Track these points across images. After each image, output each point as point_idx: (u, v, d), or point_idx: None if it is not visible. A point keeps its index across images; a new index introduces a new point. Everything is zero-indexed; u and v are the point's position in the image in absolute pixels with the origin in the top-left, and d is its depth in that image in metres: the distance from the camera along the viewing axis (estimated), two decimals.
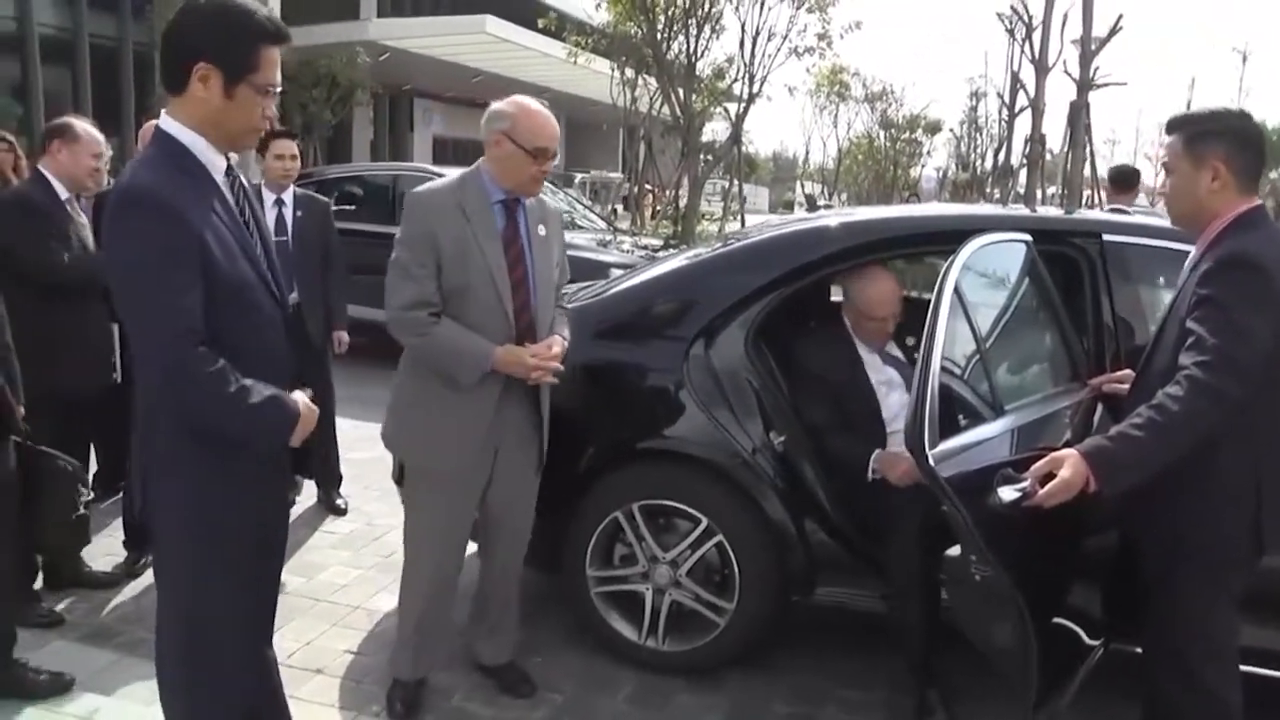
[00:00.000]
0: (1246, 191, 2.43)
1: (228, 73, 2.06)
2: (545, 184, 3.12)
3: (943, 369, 2.48)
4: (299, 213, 4.97)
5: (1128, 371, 2.87)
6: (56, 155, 3.90)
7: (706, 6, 16.60)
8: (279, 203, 4.93)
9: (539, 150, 2.94)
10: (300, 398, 2.22)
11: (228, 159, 2.20)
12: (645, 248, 9.76)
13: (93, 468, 4.90)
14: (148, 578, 4.24)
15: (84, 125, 4.01)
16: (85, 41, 21.88)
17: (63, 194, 3.90)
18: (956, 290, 2.61)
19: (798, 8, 17.14)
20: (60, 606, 3.85)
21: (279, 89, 2.16)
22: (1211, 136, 2.42)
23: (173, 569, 2.23)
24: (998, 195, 26.27)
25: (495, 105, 3.03)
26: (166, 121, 2.12)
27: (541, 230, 3.10)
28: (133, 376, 4.02)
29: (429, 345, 2.94)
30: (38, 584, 3.87)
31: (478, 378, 2.93)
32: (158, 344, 2.02)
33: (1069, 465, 2.22)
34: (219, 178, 2.15)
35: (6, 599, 3.25)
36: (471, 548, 3.31)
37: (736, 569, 3.35)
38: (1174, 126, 2.51)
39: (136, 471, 2.22)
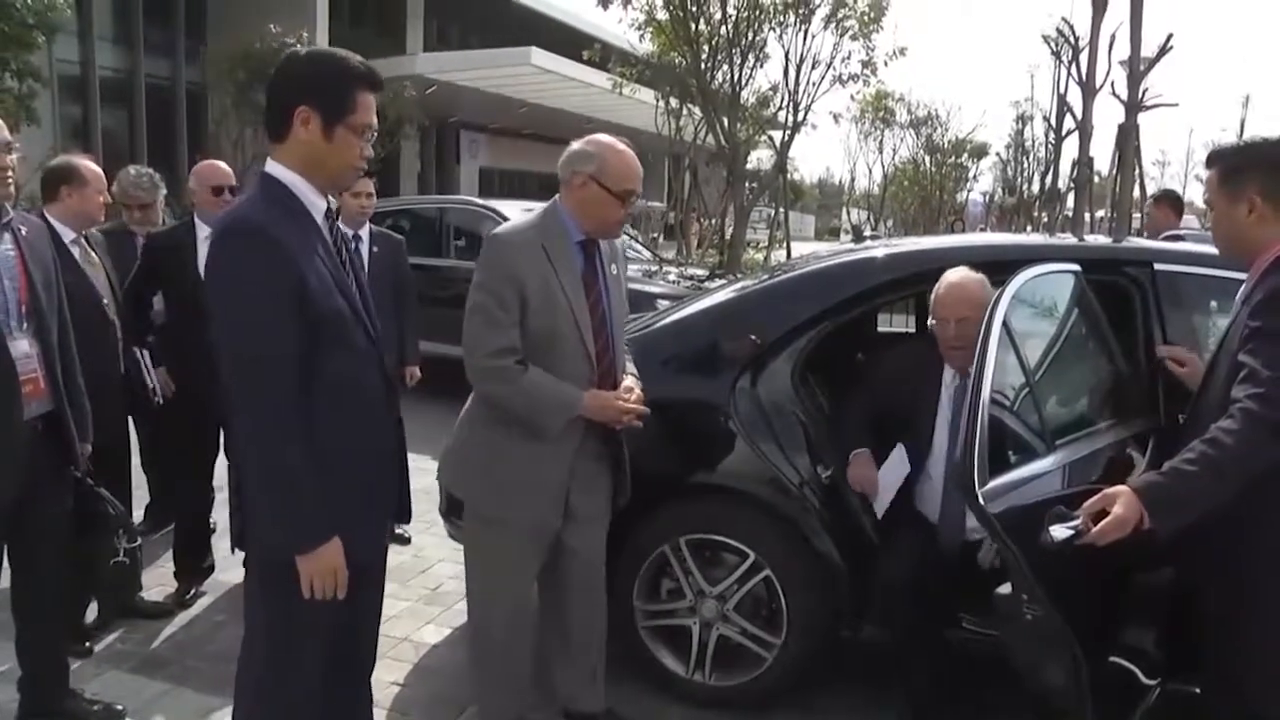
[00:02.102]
0: None
1: (326, 115, 2.17)
2: None
3: (992, 402, 2.44)
4: (375, 249, 5.01)
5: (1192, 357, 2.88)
6: (66, 200, 3.86)
7: (750, 35, 16.64)
8: (355, 239, 4.95)
9: (626, 193, 2.84)
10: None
11: (328, 200, 2.28)
12: (691, 278, 9.76)
13: (144, 499, 5.01)
14: (199, 608, 4.29)
15: (86, 164, 4.00)
16: (142, 82, 22.45)
17: (68, 236, 3.83)
18: (1005, 323, 2.58)
19: (842, 35, 17.14)
20: (112, 637, 3.91)
21: (375, 131, 2.26)
22: (1245, 169, 2.38)
23: (267, 594, 2.28)
24: (1045, 219, 26.03)
25: (576, 145, 2.91)
26: (271, 165, 2.22)
27: (614, 269, 3.03)
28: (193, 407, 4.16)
29: (517, 394, 2.78)
30: (91, 615, 3.91)
31: (564, 426, 2.83)
32: (248, 370, 2.08)
33: (1122, 502, 2.15)
34: (319, 218, 2.25)
35: (62, 634, 3.30)
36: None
37: (784, 604, 3.32)
38: (1210, 161, 2.48)
39: (234, 493, 2.27)
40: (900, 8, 60.10)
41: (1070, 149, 21.23)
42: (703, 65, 16.55)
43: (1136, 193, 15.37)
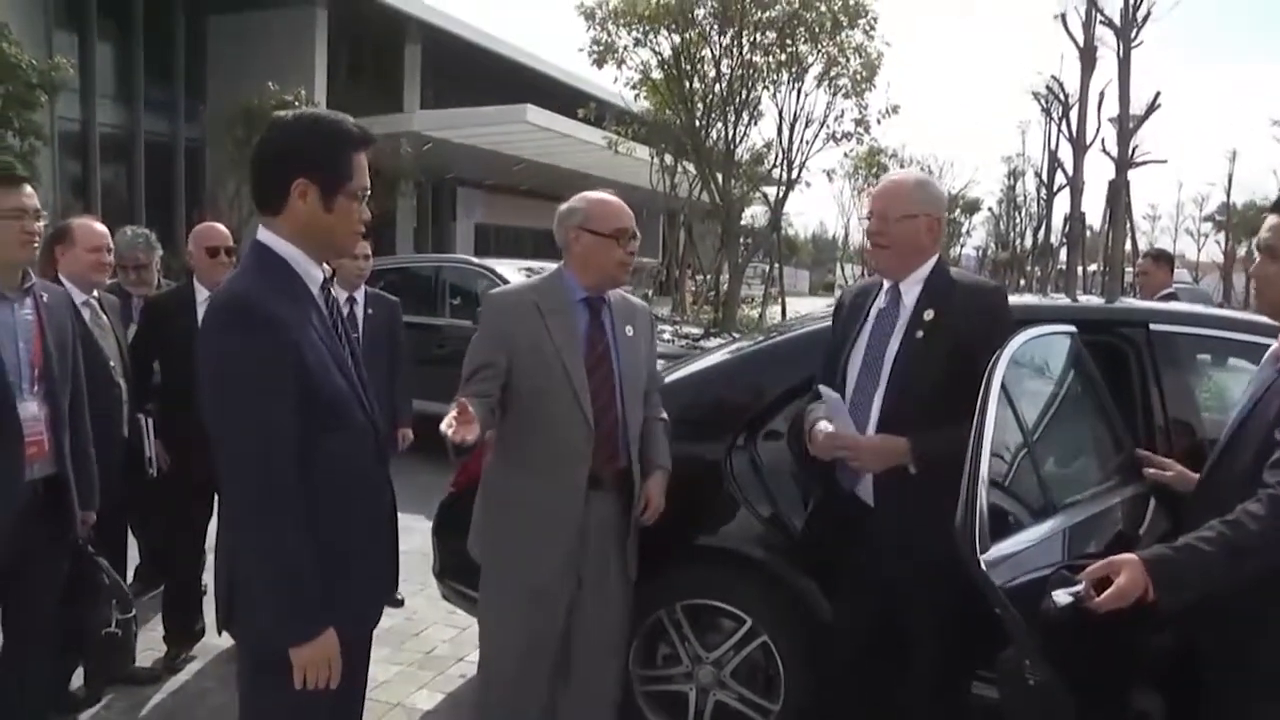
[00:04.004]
0: None
1: (325, 186, 2.11)
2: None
3: (991, 468, 2.42)
4: (370, 310, 5.02)
5: (1172, 462, 2.78)
6: (60, 260, 3.90)
7: (744, 94, 16.82)
8: (351, 300, 4.96)
9: (619, 231, 2.88)
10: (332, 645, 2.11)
11: (323, 270, 2.22)
12: (686, 337, 9.77)
13: (134, 561, 4.95)
14: (187, 673, 4.23)
15: (81, 222, 4.01)
16: (141, 139, 22.62)
17: (79, 298, 3.81)
18: (1004, 386, 2.56)
19: (835, 94, 17.32)
20: (99, 705, 3.83)
21: (369, 192, 2.20)
22: None
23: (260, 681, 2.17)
24: (1038, 274, 26.18)
25: (562, 206, 2.98)
26: (264, 235, 2.14)
27: (629, 330, 3.00)
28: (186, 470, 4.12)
29: None
30: (76, 683, 3.84)
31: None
32: (243, 456, 2.00)
33: (1127, 572, 2.10)
34: (315, 290, 2.18)
35: (42, 699, 3.24)
36: None
37: (781, 669, 3.27)
38: None
39: (223, 559, 2.18)
40: (892, 65, 60.90)
41: (1062, 204, 21.46)
42: (697, 123, 16.72)
43: (1129, 246, 15.48)
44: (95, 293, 3.99)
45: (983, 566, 2.24)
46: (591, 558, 2.91)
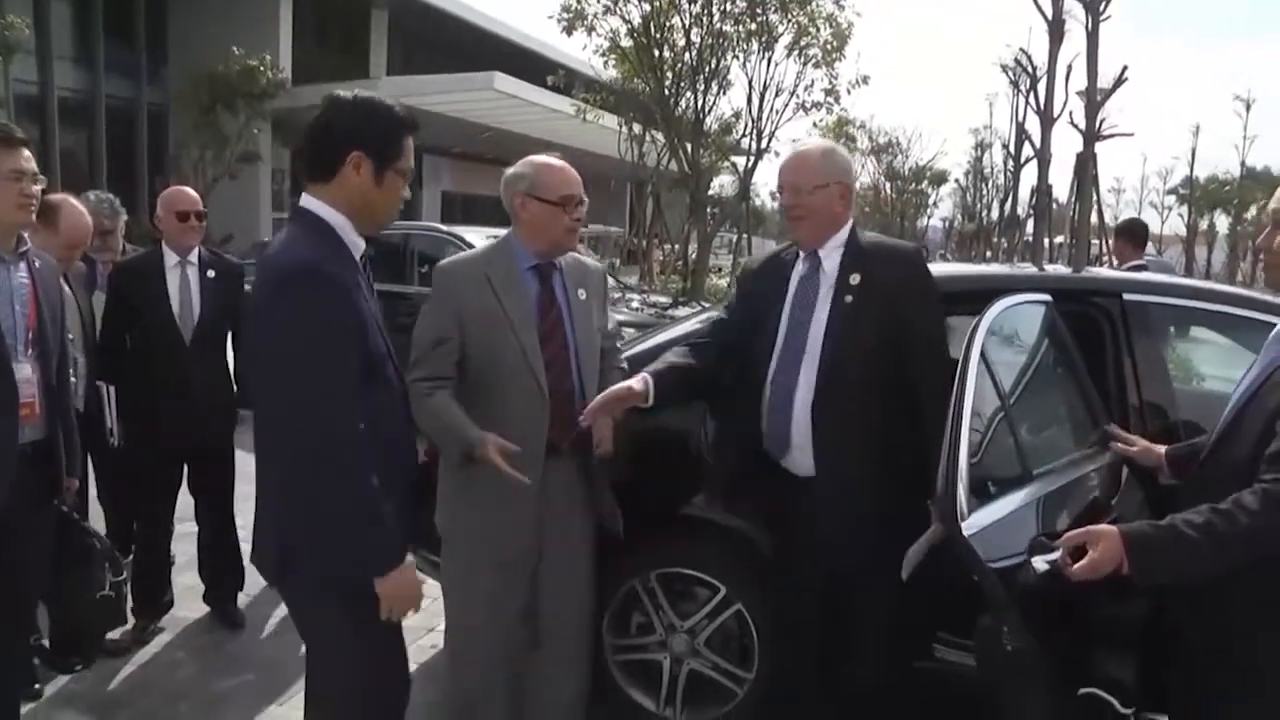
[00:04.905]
0: None
1: (378, 160, 2.26)
2: None
3: (971, 438, 2.42)
4: None
5: (1136, 438, 2.79)
6: (40, 233, 3.77)
7: (713, 63, 16.73)
8: None
9: (565, 198, 2.86)
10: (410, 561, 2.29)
11: (365, 241, 2.35)
12: (655, 305, 9.75)
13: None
14: (157, 645, 4.19)
15: (70, 208, 4.02)
16: (102, 103, 22.22)
17: None
18: (983, 355, 2.56)
19: (805, 63, 17.27)
20: (66, 678, 3.77)
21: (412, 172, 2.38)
22: None
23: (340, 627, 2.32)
24: (1005, 245, 26.31)
25: (509, 171, 2.96)
26: (310, 202, 2.28)
27: (582, 294, 2.98)
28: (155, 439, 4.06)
29: (421, 412, 2.68)
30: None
31: (460, 455, 2.74)
32: (321, 408, 2.10)
33: (1103, 545, 2.08)
34: (357, 257, 2.31)
35: (14, 675, 3.19)
36: None
37: (755, 638, 3.29)
38: None
39: (270, 518, 2.30)
40: (863, 36, 60.86)
41: (1029, 176, 21.50)
42: (666, 92, 16.61)
43: (1095, 219, 15.58)
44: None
45: (965, 533, 2.24)
46: (553, 525, 2.90)
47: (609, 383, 2.92)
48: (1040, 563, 2.23)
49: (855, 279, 2.85)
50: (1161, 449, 2.68)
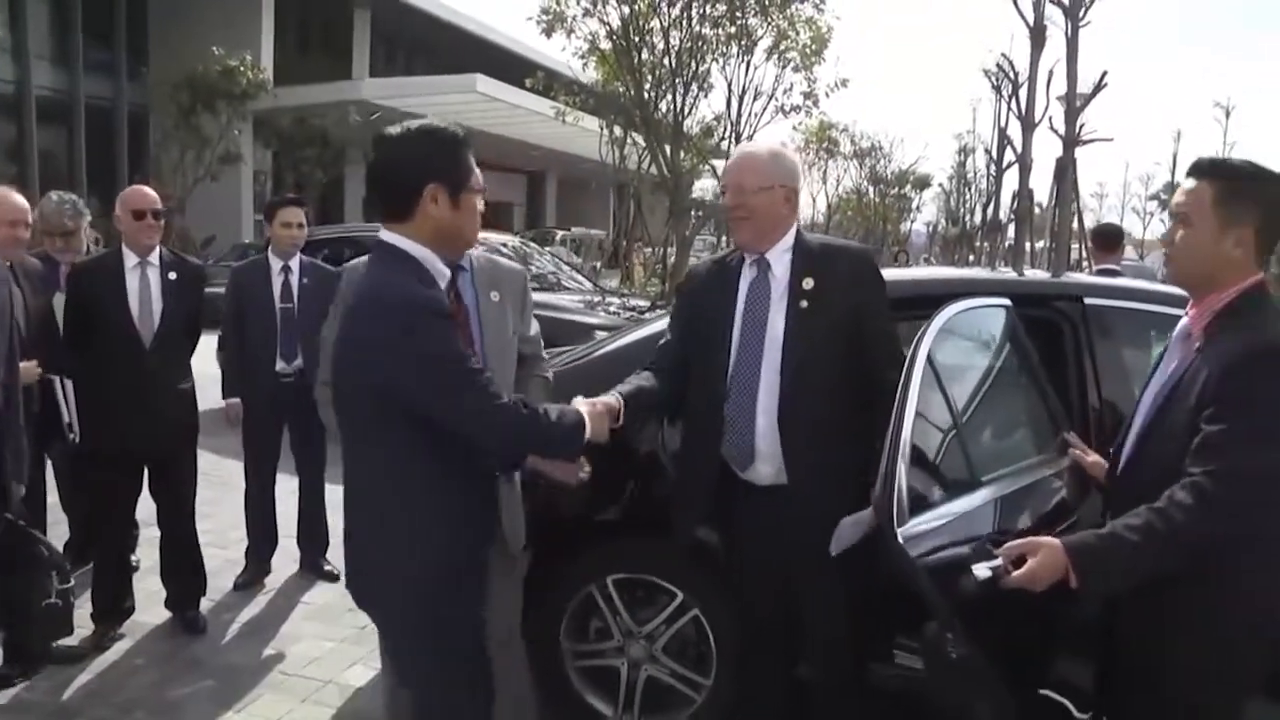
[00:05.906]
0: (1257, 266, 2.20)
1: (452, 187, 2.26)
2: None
3: (914, 442, 2.40)
4: (305, 280, 5.02)
5: (1090, 451, 2.78)
6: None
7: (693, 66, 16.73)
8: (285, 269, 5.01)
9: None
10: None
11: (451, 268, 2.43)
12: (633, 309, 9.71)
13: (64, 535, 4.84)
14: (115, 652, 4.14)
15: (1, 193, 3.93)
16: (81, 103, 22.07)
17: None
18: (930, 359, 2.55)
19: (784, 67, 17.30)
20: (19, 686, 3.72)
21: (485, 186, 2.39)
22: (1250, 197, 2.15)
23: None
24: (987, 249, 26.41)
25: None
26: (394, 239, 2.26)
27: (494, 295, 2.90)
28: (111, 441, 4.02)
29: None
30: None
31: None
32: (486, 412, 2.17)
33: (1043, 555, 2.08)
34: (443, 285, 2.33)
35: None
36: None
37: (713, 644, 3.27)
38: (1203, 172, 2.20)
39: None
40: (843, 40, 60.99)
41: (1011, 181, 21.56)
42: (646, 95, 16.59)
43: (1075, 224, 15.64)
44: (7, 263, 3.85)
45: (900, 540, 2.23)
46: None
47: (526, 391, 2.87)
48: (982, 569, 2.22)
49: (809, 283, 2.80)
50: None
